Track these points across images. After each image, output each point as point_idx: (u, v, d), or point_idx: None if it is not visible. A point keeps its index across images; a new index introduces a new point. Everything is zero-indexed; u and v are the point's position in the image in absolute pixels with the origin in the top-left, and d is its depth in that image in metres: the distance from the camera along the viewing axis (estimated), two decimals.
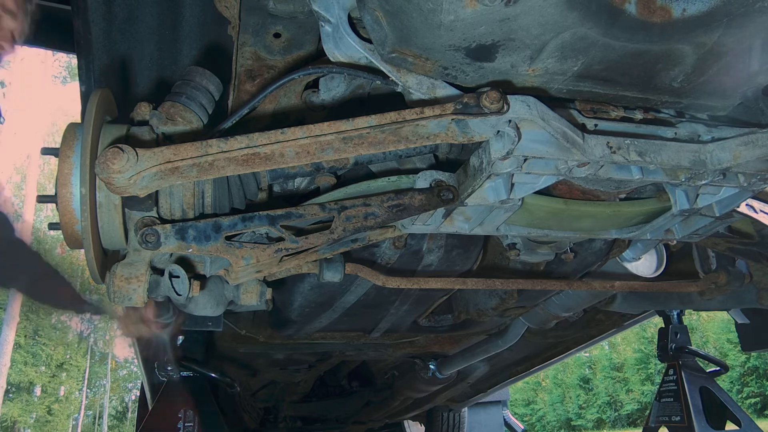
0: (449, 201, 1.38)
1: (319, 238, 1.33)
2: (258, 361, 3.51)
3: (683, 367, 3.08)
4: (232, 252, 1.28)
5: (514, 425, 5.75)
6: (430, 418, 5.32)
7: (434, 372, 3.63)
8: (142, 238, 1.20)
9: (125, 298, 1.23)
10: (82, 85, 1.86)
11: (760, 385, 17.65)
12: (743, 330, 2.98)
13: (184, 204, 1.32)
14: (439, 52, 1.15)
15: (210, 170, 1.16)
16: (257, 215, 1.30)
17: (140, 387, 4.57)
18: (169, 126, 1.33)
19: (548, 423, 25.75)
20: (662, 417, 3.07)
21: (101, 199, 1.25)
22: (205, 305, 1.59)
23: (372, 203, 1.35)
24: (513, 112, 1.19)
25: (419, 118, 1.20)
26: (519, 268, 2.07)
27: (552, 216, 1.56)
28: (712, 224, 1.66)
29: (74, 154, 1.26)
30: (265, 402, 4.66)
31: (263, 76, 1.50)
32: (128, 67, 1.83)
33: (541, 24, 1.06)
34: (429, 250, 1.93)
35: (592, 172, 1.33)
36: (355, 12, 1.27)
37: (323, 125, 1.19)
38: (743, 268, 2.34)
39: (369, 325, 2.65)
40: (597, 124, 1.35)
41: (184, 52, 1.81)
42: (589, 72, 1.21)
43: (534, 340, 3.29)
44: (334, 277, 1.73)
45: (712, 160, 1.35)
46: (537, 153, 1.25)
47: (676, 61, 1.19)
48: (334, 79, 1.46)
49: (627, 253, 2.14)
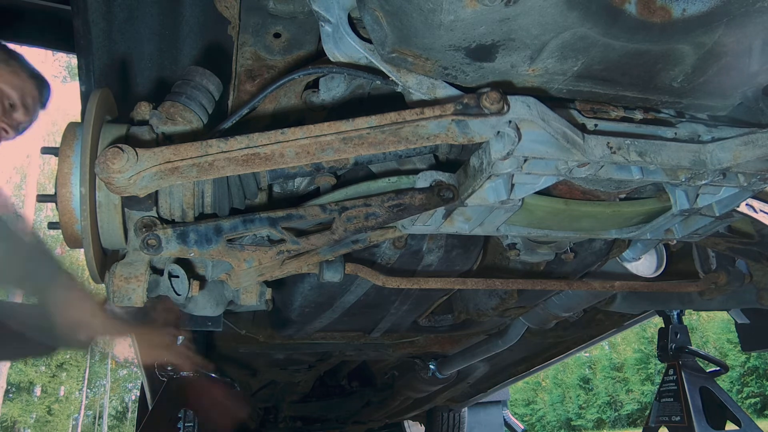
0: (449, 200, 1.38)
1: (320, 239, 1.33)
2: (258, 361, 3.51)
3: (683, 367, 3.08)
4: (233, 254, 1.27)
5: (514, 425, 5.75)
6: (430, 418, 5.32)
7: (434, 372, 3.63)
8: (144, 242, 1.20)
9: (124, 298, 1.23)
10: (82, 85, 1.86)
11: (760, 385, 17.66)
12: (743, 330, 2.98)
13: (184, 204, 1.32)
14: (439, 52, 1.15)
15: (210, 170, 1.16)
16: (258, 217, 1.30)
17: (140, 387, 4.57)
18: (169, 126, 1.33)
19: (548, 423, 25.74)
20: (662, 417, 3.07)
21: (101, 199, 1.25)
22: (205, 305, 1.59)
23: (372, 203, 1.35)
24: (513, 112, 1.19)
25: (419, 118, 1.20)
26: (519, 268, 2.07)
27: (552, 216, 1.56)
28: (712, 224, 1.66)
29: (74, 153, 1.26)
30: (265, 402, 4.66)
31: (263, 76, 1.50)
32: (128, 67, 1.83)
33: (541, 24, 1.06)
34: (429, 250, 1.92)
35: (593, 173, 1.33)
36: (355, 12, 1.27)
37: (323, 125, 1.19)
38: (743, 268, 2.33)
39: (369, 325, 2.65)
40: (597, 124, 1.35)
41: (184, 52, 1.81)
42: (589, 72, 1.21)
43: (534, 340, 3.29)
44: (334, 277, 1.72)
45: (712, 160, 1.35)
46: (537, 153, 1.25)
47: (676, 61, 1.19)
48: (334, 79, 1.46)
49: (627, 253, 2.14)
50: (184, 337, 2.65)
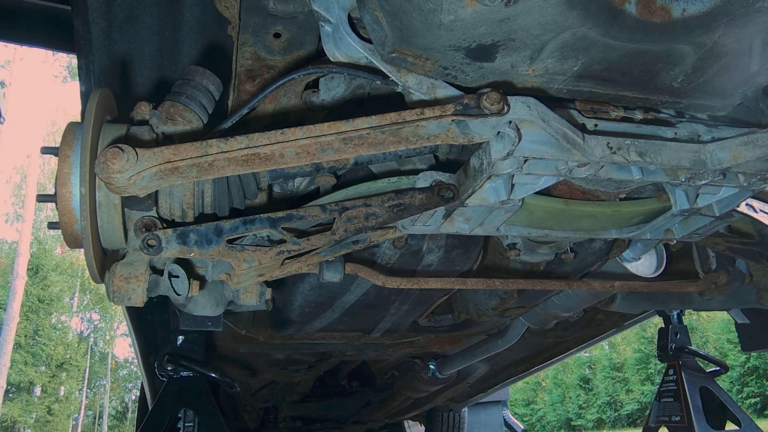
0: (450, 199, 1.38)
1: (320, 239, 1.33)
2: (258, 361, 3.51)
3: (683, 367, 3.08)
4: (234, 255, 1.27)
5: (514, 425, 5.76)
6: (430, 418, 5.32)
7: (434, 372, 3.63)
8: (144, 243, 1.20)
9: (124, 298, 1.23)
10: (82, 85, 1.86)
11: (760, 385, 17.67)
12: (743, 330, 2.98)
13: (184, 203, 1.32)
14: (439, 52, 1.15)
15: (210, 170, 1.16)
16: (258, 218, 1.30)
17: (140, 387, 4.57)
18: (169, 126, 1.33)
19: (548, 423, 25.76)
20: (662, 417, 3.08)
21: (101, 199, 1.25)
22: (205, 305, 1.59)
23: (373, 203, 1.35)
24: (513, 113, 1.19)
25: (419, 119, 1.20)
26: (519, 268, 2.07)
27: (552, 216, 1.56)
28: (712, 224, 1.66)
29: (74, 153, 1.26)
30: (265, 402, 4.66)
31: (263, 76, 1.50)
32: (128, 67, 1.83)
33: (541, 24, 1.06)
34: (429, 250, 1.93)
35: (593, 173, 1.33)
36: (355, 12, 1.27)
37: (323, 126, 1.19)
38: (743, 268, 2.33)
39: (369, 325, 2.65)
40: (597, 124, 1.35)
41: (184, 52, 1.81)
42: (589, 72, 1.21)
43: (534, 340, 3.29)
44: (334, 277, 1.72)
45: (713, 160, 1.35)
46: (537, 154, 1.25)
47: (676, 61, 1.19)
48: (334, 79, 1.46)
49: (627, 253, 2.14)
50: (184, 337, 2.65)
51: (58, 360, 28.96)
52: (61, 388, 29.48)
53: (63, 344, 29.57)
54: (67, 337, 30.47)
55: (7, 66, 23.92)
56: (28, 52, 25.75)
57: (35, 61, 25.94)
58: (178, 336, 2.64)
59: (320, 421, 5.06)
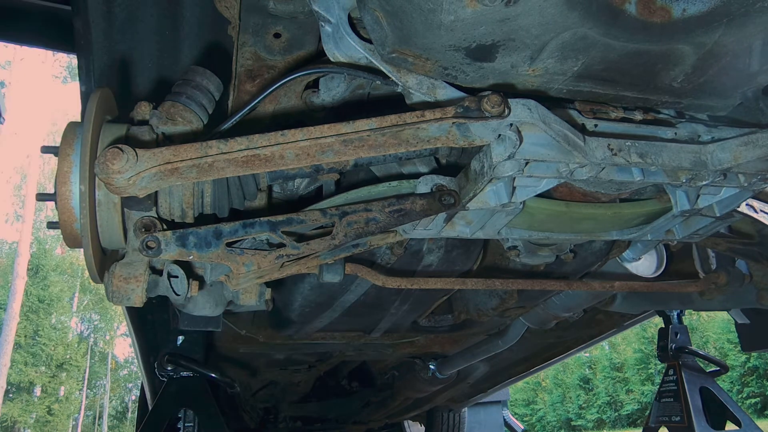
0: (451, 206, 1.38)
1: (320, 243, 1.32)
2: (258, 361, 3.51)
3: (683, 367, 3.09)
4: (233, 259, 1.27)
5: (514, 425, 5.76)
6: (430, 418, 5.32)
7: (434, 372, 3.63)
8: (143, 245, 1.20)
9: (124, 298, 1.23)
10: (82, 85, 1.86)
11: (760, 385, 17.67)
12: (743, 330, 2.98)
13: (184, 204, 1.31)
14: (439, 53, 1.15)
15: (210, 171, 1.16)
16: (258, 221, 1.30)
17: (140, 387, 4.57)
18: (169, 126, 1.32)
19: (548, 423, 25.76)
20: (662, 417, 3.08)
21: (100, 198, 1.25)
22: (204, 305, 1.58)
23: (373, 208, 1.35)
24: (514, 115, 1.19)
25: (420, 121, 1.20)
26: (519, 268, 2.07)
27: (553, 218, 1.56)
28: (712, 224, 1.66)
29: (74, 152, 1.25)
30: (265, 402, 4.66)
31: (263, 76, 1.50)
32: (128, 67, 1.83)
33: (542, 24, 1.06)
34: (429, 250, 1.92)
35: (594, 175, 1.33)
36: (355, 12, 1.27)
37: (323, 127, 1.19)
38: (743, 268, 2.33)
39: (369, 325, 2.65)
40: (597, 124, 1.35)
41: (184, 52, 1.80)
42: (589, 72, 1.21)
43: (534, 340, 3.29)
44: (334, 277, 1.72)
45: (713, 160, 1.35)
46: (538, 156, 1.24)
47: (676, 61, 1.19)
48: (334, 79, 1.46)
49: (627, 254, 2.14)
50: (184, 337, 2.65)
51: (58, 360, 28.97)
52: (61, 388, 29.49)
53: (63, 344, 29.58)
54: (67, 338, 30.47)
55: (7, 66, 23.94)
56: (28, 52, 25.76)
57: (35, 61, 25.98)
58: (178, 336, 2.65)
59: (320, 421, 5.06)
